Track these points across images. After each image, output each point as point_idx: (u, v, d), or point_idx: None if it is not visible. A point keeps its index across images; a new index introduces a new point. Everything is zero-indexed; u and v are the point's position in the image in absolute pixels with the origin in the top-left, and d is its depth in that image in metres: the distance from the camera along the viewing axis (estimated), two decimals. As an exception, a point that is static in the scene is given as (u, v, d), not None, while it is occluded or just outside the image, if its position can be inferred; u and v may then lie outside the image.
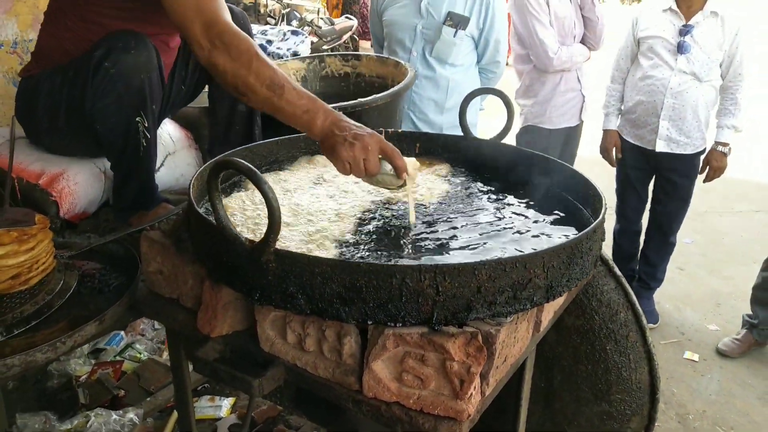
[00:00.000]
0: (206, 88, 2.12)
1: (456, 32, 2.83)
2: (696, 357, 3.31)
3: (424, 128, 2.99)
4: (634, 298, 1.67)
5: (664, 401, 2.93)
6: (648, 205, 3.64)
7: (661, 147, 3.34)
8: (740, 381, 3.14)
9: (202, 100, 2.19)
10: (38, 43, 1.87)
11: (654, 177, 3.56)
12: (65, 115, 1.80)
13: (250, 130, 2.01)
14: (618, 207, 3.74)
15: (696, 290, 3.97)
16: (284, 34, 3.43)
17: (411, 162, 1.39)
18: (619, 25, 3.55)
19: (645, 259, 3.69)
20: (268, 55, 2.91)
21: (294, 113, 1.34)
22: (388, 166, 1.35)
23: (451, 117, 2.96)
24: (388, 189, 1.43)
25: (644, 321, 1.66)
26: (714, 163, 3.30)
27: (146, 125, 1.73)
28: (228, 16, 1.44)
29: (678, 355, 3.33)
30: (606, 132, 3.56)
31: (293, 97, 1.35)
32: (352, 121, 1.35)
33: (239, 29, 1.42)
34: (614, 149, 3.55)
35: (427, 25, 2.88)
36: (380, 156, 1.33)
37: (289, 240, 1.24)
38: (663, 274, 3.67)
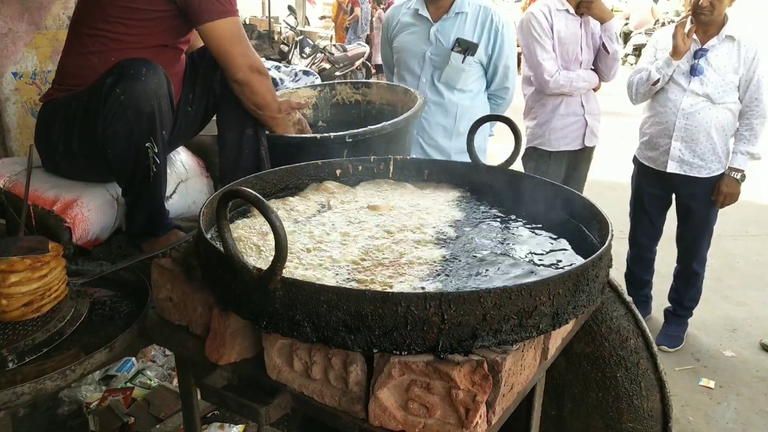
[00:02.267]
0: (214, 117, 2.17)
1: (464, 58, 2.86)
2: (712, 384, 3.26)
3: (433, 154, 3.01)
4: (645, 324, 1.66)
5: (680, 430, 2.88)
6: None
7: (672, 168, 3.32)
8: (758, 409, 3.08)
9: (214, 128, 2.23)
10: (63, 65, 1.93)
11: (674, 203, 3.53)
12: (79, 138, 1.85)
13: (258, 152, 2.07)
14: (631, 232, 3.72)
15: (710, 316, 3.92)
16: (296, 74, 3.51)
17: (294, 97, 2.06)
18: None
19: (673, 287, 3.65)
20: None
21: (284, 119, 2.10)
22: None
23: (460, 142, 2.98)
24: None
25: (655, 348, 1.65)
26: (725, 188, 3.27)
27: (156, 151, 1.77)
28: None
29: (693, 383, 3.28)
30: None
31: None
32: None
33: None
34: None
35: (436, 52, 2.91)
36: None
37: (295, 268, 1.25)
38: (691, 303, 3.60)
